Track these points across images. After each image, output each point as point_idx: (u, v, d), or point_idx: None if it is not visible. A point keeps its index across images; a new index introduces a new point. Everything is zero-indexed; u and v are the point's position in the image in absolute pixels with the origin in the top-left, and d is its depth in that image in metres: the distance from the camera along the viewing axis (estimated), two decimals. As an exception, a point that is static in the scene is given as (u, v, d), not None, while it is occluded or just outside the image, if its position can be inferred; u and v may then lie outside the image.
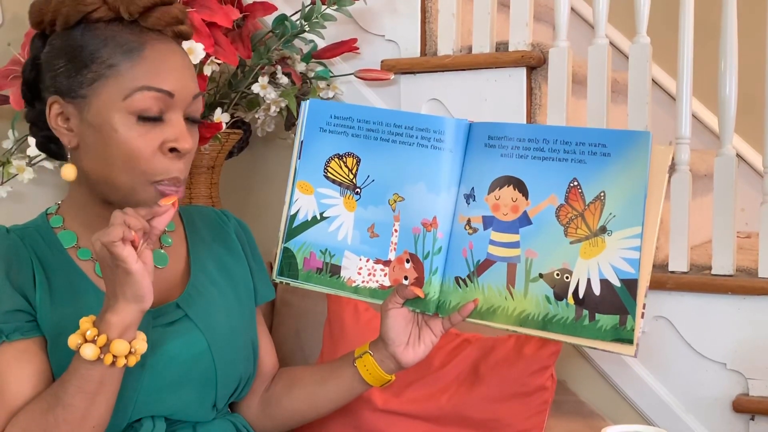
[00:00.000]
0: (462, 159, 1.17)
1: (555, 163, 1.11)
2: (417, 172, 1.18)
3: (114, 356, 1.02)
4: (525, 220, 1.12)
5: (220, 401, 1.24)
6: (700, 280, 1.80)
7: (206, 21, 1.64)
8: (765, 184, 1.77)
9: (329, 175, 1.23)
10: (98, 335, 1.01)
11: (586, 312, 1.08)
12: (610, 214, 1.07)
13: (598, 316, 1.08)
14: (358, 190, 1.22)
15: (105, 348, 1.02)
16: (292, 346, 1.73)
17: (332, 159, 1.23)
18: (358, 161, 1.21)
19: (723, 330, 1.79)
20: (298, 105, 1.87)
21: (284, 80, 1.84)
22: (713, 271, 1.80)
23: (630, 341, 1.06)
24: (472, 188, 1.16)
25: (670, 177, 1.80)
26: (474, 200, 1.15)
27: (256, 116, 1.88)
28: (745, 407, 1.76)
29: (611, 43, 1.99)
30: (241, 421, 1.30)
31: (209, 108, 1.81)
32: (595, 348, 1.09)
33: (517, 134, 1.13)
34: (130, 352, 1.03)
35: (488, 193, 1.14)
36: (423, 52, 2.03)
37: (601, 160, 1.08)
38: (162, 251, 1.23)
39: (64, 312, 1.12)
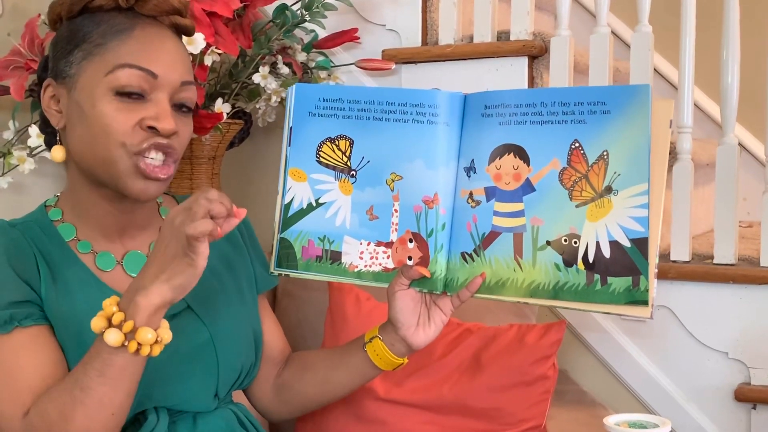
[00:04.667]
0: (459, 132, 1.15)
1: (554, 126, 1.08)
2: (414, 149, 1.15)
3: (139, 344, 0.99)
4: (528, 187, 1.10)
5: (222, 391, 1.23)
6: (702, 270, 1.80)
7: (207, 11, 1.64)
8: (767, 173, 1.77)
9: (322, 159, 1.21)
10: (124, 320, 0.98)
11: (597, 276, 1.06)
12: (615, 173, 1.05)
13: (610, 279, 1.05)
14: (354, 172, 1.19)
15: (130, 335, 0.98)
16: (294, 337, 1.73)
17: (324, 143, 1.20)
18: (351, 143, 1.19)
19: (725, 319, 1.79)
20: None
21: (285, 70, 1.84)
22: (715, 261, 1.80)
23: (645, 302, 1.03)
24: (472, 160, 1.14)
25: (673, 161, 1.80)
26: (475, 172, 1.13)
27: (257, 106, 1.87)
28: (747, 396, 1.77)
29: (613, 32, 1.99)
30: (243, 409, 1.30)
31: (210, 98, 1.80)
32: (609, 313, 1.06)
33: (513, 100, 1.11)
34: (156, 341, 1.00)
35: (489, 164, 1.12)
36: (424, 42, 2.03)
37: (601, 118, 1.06)
38: None
39: (69, 305, 1.11)
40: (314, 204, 1.21)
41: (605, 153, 1.06)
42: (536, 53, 1.91)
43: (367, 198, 1.19)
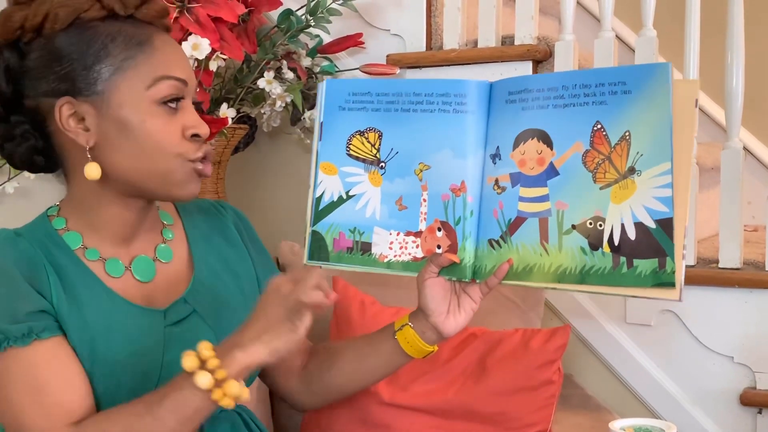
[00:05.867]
0: (486, 120, 1.15)
1: (577, 108, 1.08)
2: (441, 139, 1.16)
3: (223, 394, 1.01)
4: (552, 171, 1.10)
5: None
6: (707, 274, 1.80)
7: (212, 16, 1.64)
8: (772, 177, 1.77)
9: (352, 152, 1.22)
10: (218, 367, 1.00)
11: (623, 259, 1.05)
12: (638, 153, 1.04)
13: (636, 261, 1.04)
14: (383, 164, 1.20)
15: (219, 383, 1.01)
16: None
17: (354, 136, 1.22)
18: (380, 135, 1.20)
19: (730, 323, 1.78)
20: (304, 100, 1.87)
21: (290, 75, 1.84)
22: (720, 265, 1.80)
23: (672, 284, 1.01)
24: (497, 147, 1.14)
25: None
26: (500, 159, 1.14)
27: (262, 111, 1.88)
28: (753, 401, 1.76)
29: (617, 37, 1.99)
30: (247, 411, 1.30)
31: (215, 103, 1.81)
32: (637, 296, 1.05)
33: (536, 85, 1.11)
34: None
35: (513, 150, 1.12)
36: (428, 47, 2.03)
37: (622, 98, 1.05)
38: (165, 245, 1.22)
39: (79, 314, 1.10)
40: (344, 196, 1.23)
41: (627, 133, 1.05)
42: (540, 58, 1.91)
43: (396, 189, 1.20)
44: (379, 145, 1.20)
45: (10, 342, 1.05)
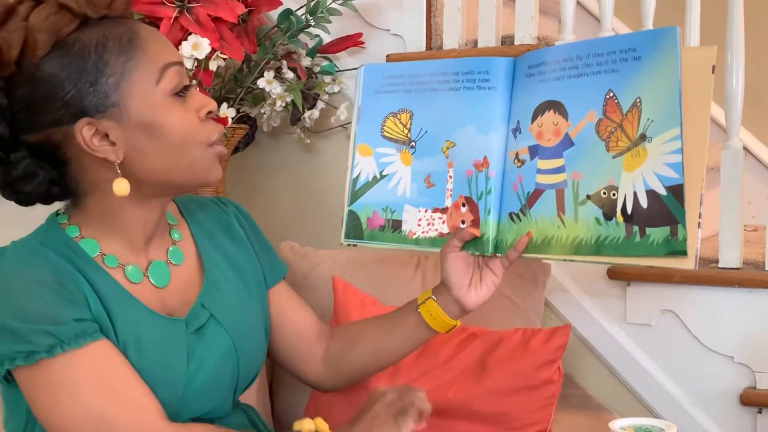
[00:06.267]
0: (509, 96, 1.17)
1: (590, 77, 1.09)
2: (465, 115, 1.18)
3: None
4: (567, 142, 1.11)
5: (238, 394, 1.24)
6: (707, 274, 1.80)
7: (211, 16, 1.64)
8: (772, 176, 1.77)
9: (386, 133, 1.26)
10: None
11: (636, 228, 1.05)
12: (648, 119, 1.04)
13: (648, 230, 1.04)
14: (413, 143, 1.24)
15: None
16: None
17: (388, 118, 1.26)
18: (412, 115, 1.24)
19: (730, 323, 1.79)
20: (304, 100, 1.87)
21: (290, 75, 1.84)
22: (720, 265, 1.80)
23: (684, 253, 1.01)
24: (518, 121, 1.16)
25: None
26: (520, 133, 1.15)
27: (262, 111, 1.88)
28: (753, 400, 1.76)
29: (617, 36, 1.98)
30: (252, 410, 1.30)
31: (215, 103, 1.81)
32: (651, 266, 1.05)
33: (553, 57, 1.12)
34: None
35: (532, 123, 1.14)
36: (428, 46, 2.03)
37: (632, 65, 1.05)
38: (175, 247, 1.20)
39: (106, 321, 1.08)
40: (378, 176, 1.27)
41: (638, 100, 1.05)
42: (540, 57, 1.91)
43: (425, 167, 1.24)
44: (411, 125, 1.24)
45: (65, 346, 1.02)
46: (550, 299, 1.92)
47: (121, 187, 1.07)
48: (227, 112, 1.74)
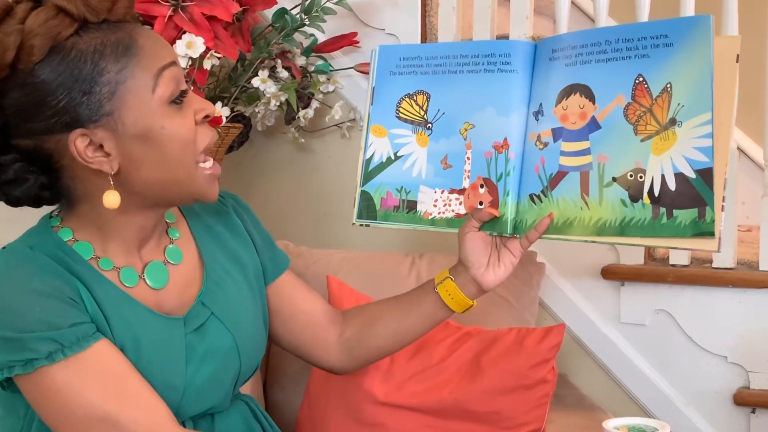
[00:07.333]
0: (530, 79, 1.18)
1: (619, 62, 1.09)
2: (486, 98, 1.19)
3: None
4: (594, 125, 1.11)
5: (237, 387, 1.23)
6: (701, 273, 1.80)
7: (206, 15, 1.64)
8: (766, 177, 1.77)
9: (401, 115, 1.26)
10: None
11: (663, 210, 1.06)
12: (679, 104, 1.05)
13: (675, 212, 1.05)
14: (430, 125, 1.25)
15: None
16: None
17: (403, 99, 1.26)
18: (428, 97, 1.24)
19: (724, 323, 1.79)
20: (298, 99, 1.87)
21: (284, 74, 1.84)
22: (714, 265, 1.81)
23: (711, 234, 1.02)
24: (540, 104, 1.16)
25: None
26: (543, 115, 1.16)
27: (256, 110, 1.87)
28: (746, 400, 1.77)
29: (612, 37, 1.98)
30: (252, 400, 1.29)
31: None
32: (676, 248, 1.06)
33: (579, 41, 1.13)
34: None
35: (556, 105, 1.14)
36: (423, 46, 2.03)
37: (664, 51, 1.06)
38: (173, 246, 1.18)
39: (103, 323, 1.07)
40: (393, 157, 1.28)
41: (669, 85, 1.06)
42: (535, 57, 1.92)
43: (441, 148, 1.24)
44: (427, 107, 1.24)
45: (66, 351, 1.01)
46: (545, 299, 1.92)
47: (111, 200, 1.05)
48: (221, 111, 1.73)
